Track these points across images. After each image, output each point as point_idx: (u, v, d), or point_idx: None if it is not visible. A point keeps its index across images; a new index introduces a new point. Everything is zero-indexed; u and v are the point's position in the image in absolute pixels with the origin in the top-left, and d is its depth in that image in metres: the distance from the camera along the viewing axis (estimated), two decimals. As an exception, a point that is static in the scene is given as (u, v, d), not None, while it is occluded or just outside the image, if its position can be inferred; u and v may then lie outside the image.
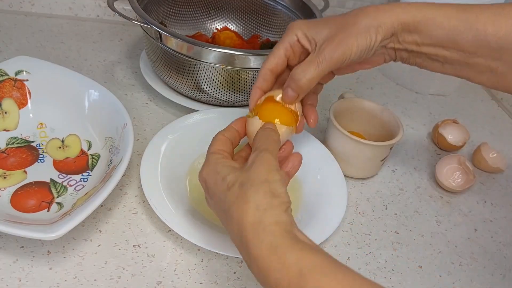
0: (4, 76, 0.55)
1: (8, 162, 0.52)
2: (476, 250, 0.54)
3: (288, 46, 0.46)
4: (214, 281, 0.45)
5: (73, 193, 0.50)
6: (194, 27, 0.75)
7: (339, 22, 0.44)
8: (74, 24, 0.79)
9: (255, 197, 0.35)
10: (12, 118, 0.55)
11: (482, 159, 0.65)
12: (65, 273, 0.43)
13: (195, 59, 0.57)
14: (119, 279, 0.43)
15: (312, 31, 0.45)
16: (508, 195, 0.63)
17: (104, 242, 0.46)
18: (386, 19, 0.43)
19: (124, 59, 0.73)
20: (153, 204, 0.47)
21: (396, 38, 0.44)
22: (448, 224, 0.57)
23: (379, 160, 0.58)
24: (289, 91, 0.45)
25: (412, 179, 0.62)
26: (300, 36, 0.45)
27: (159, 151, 0.53)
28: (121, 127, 0.52)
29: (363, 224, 0.55)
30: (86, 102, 0.56)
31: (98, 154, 0.54)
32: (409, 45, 0.44)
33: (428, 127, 0.72)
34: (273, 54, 0.46)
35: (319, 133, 0.65)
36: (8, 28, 0.75)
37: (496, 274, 0.52)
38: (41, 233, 0.40)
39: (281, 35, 0.47)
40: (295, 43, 0.45)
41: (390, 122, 0.59)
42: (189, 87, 0.61)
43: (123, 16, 0.57)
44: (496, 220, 0.59)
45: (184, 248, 0.47)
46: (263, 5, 0.74)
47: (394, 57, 0.47)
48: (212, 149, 0.42)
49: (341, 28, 0.44)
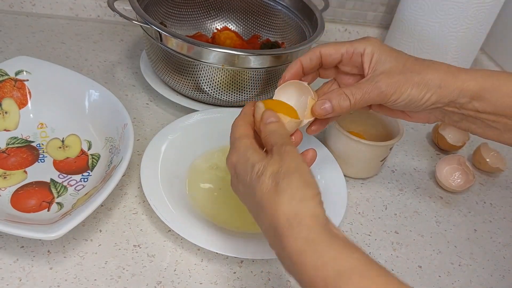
0: (4, 76, 0.55)
1: (9, 162, 0.52)
2: (476, 250, 0.54)
3: (351, 50, 0.45)
4: (214, 281, 0.45)
5: (73, 193, 0.50)
6: (194, 27, 0.75)
7: (408, 64, 0.43)
8: (74, 24, 0.79)
9: (289, 188, 0.34)
10: (12, 118, 0.55)
11: (482, 160, 0.65)
12: (65, 273, 0.43)
13: (195, 59, 0.57)
14: (119, 279, 0.43)
15: (381, 55, 0.44)
16: (508, 196, 0.63)
17: (104, 242, 0.46)
18: (450, 82, 0.42)
19: (125, 59, 0.73)
20: (153, 204, 0.47)
21: (454, 105, 0.43)
22: (447, 225, 0.57)
23: (379, 160, 0.58)
24: (327, 104, 0.44)
25: (412, 180, 0.63)
26: (367, 52, 0.44)
27: (159, 151, 0.53)
28: (122, 127, 0.52)
29: (363, 224, 0.55)
30: (86, 102, 0.56)
31: (98, 154, 0.54)
32: (467, 111, 0.43)
33: (428, 127, 0.72)
34: (334, 45, 0.46)
35: (319, 133, 0.65)
36: (9, 28, 0.75)
37: (496, 274, 0.52)
38: (41, 233, 0.40)
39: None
40: (358, 55, 0.45)
41: (390, 122, 0.59)
42: (189, 87, 0.61)
43: (124, 16, 0.57)
44: (495, 221, 0.59)
45: (184, 248, 0.47)
46: (263, 5, 0.74)
47: (442, 118, 0.46)
48: (236, 134, 0.41)
49: (405, 71, 0.43)
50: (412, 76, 0.42)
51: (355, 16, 0.91)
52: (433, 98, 0.42)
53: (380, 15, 0.91)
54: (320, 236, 0.32)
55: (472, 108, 0.43)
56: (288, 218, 0.33)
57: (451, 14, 0.73)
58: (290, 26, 0.72)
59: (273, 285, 0.46)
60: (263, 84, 0.61)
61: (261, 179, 0.36)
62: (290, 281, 0.46)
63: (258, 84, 0.61)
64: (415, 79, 0.42)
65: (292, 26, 0.71)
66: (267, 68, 0.59)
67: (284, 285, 0.46)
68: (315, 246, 0.32)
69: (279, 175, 0.35)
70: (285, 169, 0.35)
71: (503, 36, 0.87)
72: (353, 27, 0.91)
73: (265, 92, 0.63)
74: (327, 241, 0.32)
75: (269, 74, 0.60)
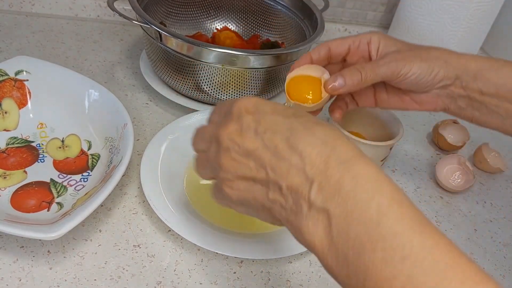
0: (4, 76, 0.55)
1: (8, 162, 0.52)
2: (476, 250, 0.54)
3: (357, 41, 0.47)
4: (214, 281, 0.45)
5: (73, 193, 0.50)
6: (194, 27, 0.75)
7: (413, 45, 0.46)
8: (74, 24, 0.79)
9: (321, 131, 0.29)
10: (12, 118, 0.55)
11: (483, 160, 0.65)
12: (65, 273, 0.43)
13: (195, 59, 0.57)
14: (119, 279, 0.43)
15: (388, 42, 0.46)
16: (508, 196, 0.63)
17: (104, 242, 0.46)
18: (454, 60, 0.44)
19: (124, 59, 0.73)
20: (153, 204, 0.47)
21: (460, 83, 0.45)
22: (448, 224, 0.57)
23: (379, 160, 0.58)
24: (339, 78, 0.44)
25: (412, 179, 0.62)
26: (373, 40, 0.46)
27: (159, 151, 0.53)
28: (121, 127, 0.52)
29: (363, 224, 0.55)
30: (86, 102, 0.56)
31: (98, 154, 0.54)
32: (472, 92, 0.45)
33: (428, 127, 0.72)
34: (341, 38, 0.47)
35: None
36: (9, 28, 0.75)
37: (496, 274, 0.52)
38: (41, 233, 0.40)
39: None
40: (365, 44, 0.46)
41: (390, 122, 0.59)
42: (189, 87, 0.61)
43: (123, 16, 0.57)
44: (496, 221, 0.59)
45: (184, 248, 0.47)
46: (263, 5, 0.74)
47: (449, 105, 0.47)
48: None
49: (413, 49, 0.45)
50: (420, 52, 0.45)
51: (355, 16, 0.91)
52: (441, 73, 0.44)
53: (380, 15, 0.91)
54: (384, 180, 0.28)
55: (477, 88, 0.44)
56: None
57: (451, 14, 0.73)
58: (290, 26, 0.72)
59: (273, 285, 0.46)
60: (263, 84, 0.61)
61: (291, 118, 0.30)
62: (290, 281, 0.46)
63: (258, 84, 0.61)
64: (423, 55, 0.44)
65: (292, 26, 0.71)
66: (267, 68, 0.59)
67: (284, 285, 0.46)
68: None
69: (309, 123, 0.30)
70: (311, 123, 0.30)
71: (503, 36, 0.87)
72: (353, 27, 0.91)
73: (265, 92, 0.63)
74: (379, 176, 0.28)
75: (269, 74, 0.60)
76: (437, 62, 0.44)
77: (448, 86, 0.46)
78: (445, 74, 0.44)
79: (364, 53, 0.47)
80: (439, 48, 0.46)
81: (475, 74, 0.44)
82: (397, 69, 0.44)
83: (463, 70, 0.44)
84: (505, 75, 0.43)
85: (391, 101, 0.50)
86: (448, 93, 0.46)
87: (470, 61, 0.44)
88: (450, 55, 0.45)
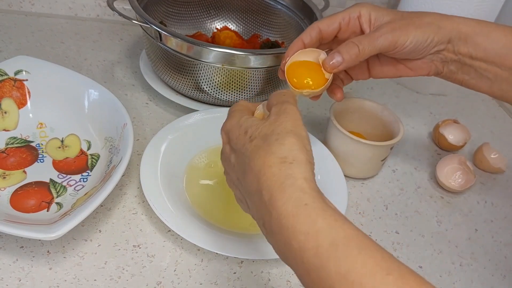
0: (3, 76, 0.55)
1: (8, 162, 0.52)
2: (477, 250, 0.54)
3: (347, 17, 0.46)
4: (214, 281, 0.45)
5: (72, 193, 0.50)
6: (194, 27, 0.75)
7: (405, 13, 0.46)
8: (74, 23, 0.79)
9: (281, 149, 0.32)
10: (11, 118, 0.55)
11: (484, 159, 0.65)
12: (65, 273, 0.43)
13: (195, 58, 0.57)
14: (119, 279, 0.43)
15: (378, 13, 0.46)
16: (509, 196, 0.63)
17: (104, 242, 0.46)
18: (446, 24, 0.45)
19: (124, 58, 0.73)
20: (153, 204, 0.47)
21: (452, 47, 0.45)
22: (448, 224, 0.57)
23: (380, 160, 0.58)
24: (336, 56, 0.44)
25: (412, 179, 0.62)
26: (363, 14, 0.46)
27: (159, 151, 0.53)
28: (121, 127, 0.52)
29: (363, 224, 0.55)
30: (85, 102, 0.56)
31: (98, 154, 0.54)
32: (463, 57, 0.45)
33: (428, 127, 0.72)
34: (329, 17, 0.47)
35: (319, 133, 0.65)
36: (8, 27, 0.74)
37: (497, 274, 0.52)
38: (41, 233, 0.40)
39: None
40: (355, 18, 0.46)
41: (390, 122, 0.59)
42: (189, 87, 0.61)
43: (123, 15, 0.57)
44: (496, 220, 0.59)
45: (184, 248, 0.47)
46: (263, 5, 0.74)
47: (441, 69, 0.47)
48: (233, 108, 0.40)
49: (405, 17, 0.45)
50: (413, 20, 0.45)
51: (355, 15, 0.90)
52: (436, 38, 0.44)
53: (380, 14, 0.91)
54: (315, 201, 0.30)
55: (467, 52, 0.45)
56: (279, 178, 0.31)
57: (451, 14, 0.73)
58: (290, 26, 0.71)
59: (273, 285, 0.46)
60: (263, 84, 0.61)
61: (254, 142, 0.34)
62: (290, 281, 0.46)
63: (258, 83, 0.60)
64: (416, 22, 0.44)
65: (292, 26, 0.71)
66: (267, 68, 0.58)
67: (284, 285, 0.46)
68: (308, 211, 0.29)
69: (271, 137, 0.33)
70: (280, 129, 0.33)
71: (503, 36, 0.87)
72: (353, 27, 0.90)
73: (265, 92, 0.63)
74: (321, 208, 0.30)
75: (269, 74, 0.60)
76: (431, 27, 0.44)
77: (441, 51, 0.46)
78: (438, 39, 0.45)
79: (356, 28, 0.47)
80: (431, 13, 0.46)
81: (466, 38, 0.44)
82: (393, 39, 0.44)
83: (455, 34, 0.45)
84: (494, 40, 0.44)
85: (385, 70, 0.50)
86: (441, 57, 0.46)
87: (462, 24, 0.45)
88: (441, 19, 0.45)
